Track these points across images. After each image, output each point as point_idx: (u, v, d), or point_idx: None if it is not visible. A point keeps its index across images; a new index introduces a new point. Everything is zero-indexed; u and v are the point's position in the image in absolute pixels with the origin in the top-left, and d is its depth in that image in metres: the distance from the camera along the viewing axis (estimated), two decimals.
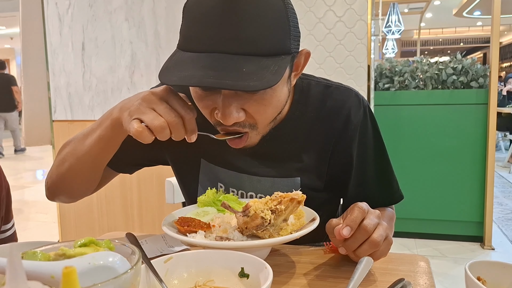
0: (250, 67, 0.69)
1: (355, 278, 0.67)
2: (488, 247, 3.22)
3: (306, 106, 0.94)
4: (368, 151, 0.98)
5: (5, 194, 1.10)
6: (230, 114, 0.75)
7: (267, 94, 0.77)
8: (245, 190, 0.99)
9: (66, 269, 0.31)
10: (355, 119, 0.94)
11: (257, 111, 0.78)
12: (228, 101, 0.75)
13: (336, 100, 0.94)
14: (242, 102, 0.76)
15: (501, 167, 6.39)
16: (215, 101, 0.77)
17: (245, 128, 0.81)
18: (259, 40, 0.70)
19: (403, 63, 3.64)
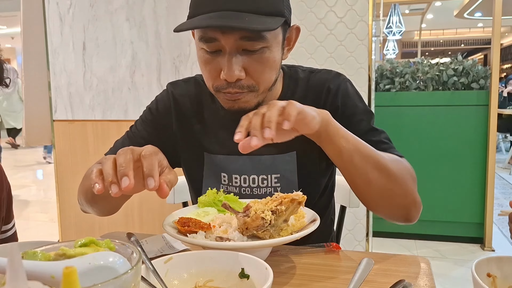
0: (251, 17, 0.82)
1: (355, 279, 0.67)
2: (488, 248, 3.21)
3: (295, 88, 1.05)
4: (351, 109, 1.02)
5: (6, 194, 1.10)
6: (234, 71, 0.86)
7: (265, 53, 0.88)
8: (248, 174, 1.04)
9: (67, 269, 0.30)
10: (334, 87, 1.03)
11: (256, 69, 0.89)
12: (232, 60, 0.86)
13: (319, 79, 1.05)
14: (244, 62, 0.88)
15: (502, 168, 6.38)
16: (220, 63, 0.88)
17: (244, 89, 0.90)
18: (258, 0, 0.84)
19: (404, 64, 3.64)
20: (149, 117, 1.12)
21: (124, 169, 0.68)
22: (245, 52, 0.87)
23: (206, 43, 0.87)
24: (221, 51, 0.88)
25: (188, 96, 1.09)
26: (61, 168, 2.59)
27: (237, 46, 0.86)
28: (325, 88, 1.03)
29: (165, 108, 1.10)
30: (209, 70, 0.91)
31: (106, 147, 2.65)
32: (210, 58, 0.89)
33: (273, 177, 1.04)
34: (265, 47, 0.88)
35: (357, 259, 0.85)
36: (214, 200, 0.96)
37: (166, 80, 2.37)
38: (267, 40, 0.87)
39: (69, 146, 2.55)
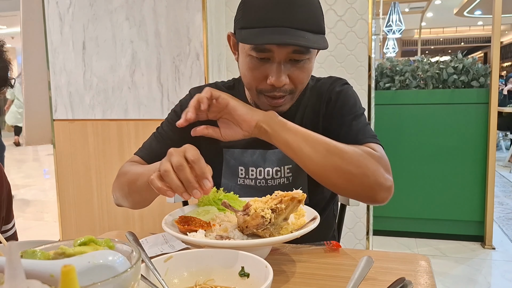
0: (309, 36, 0.94)
1: (355, 277, 0.67)
2: (488, 246, 3.21)
3: (304, 94, 1.15)
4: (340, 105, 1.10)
5: (6, 194, 1.10)
6: (281, 78, 0.97)
7: (306, 64, 1.00)
8: (263, 166, 1.13)
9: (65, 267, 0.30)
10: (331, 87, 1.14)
11: (298, 77, 1.00)
12: (281, 68, 0.97)
13: (322, 84, 1.16)
14: (289, 70, 0.99)
15: (502, 166, 6.38)
16: (269, 69, 0.98)
17: (286, 93, 1.02)
18: (310, 19, 0.96)
19: (404, 63, 3.64)
20: (175, 118, 1.18)
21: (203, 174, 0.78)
22: (291, 62, 0.99)
23: (259, 52, 0.97)
24: (269, 59, 0.98)
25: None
26: (61, 168, 2.59)
27: (287, 57, 0.97)
28: (327, 90, 1.14)
29: None
30: (255, 74, 1.01)
31: (106, 147, 2.65)
32: (259, 64, 0.99)
33: (286, 168, 1.12)
34: (308, 58, 1.00)
35: (357, 258, 0.85)
36: (214, 198, 0.96)
37: (166, 79, 2.37)
38: (310, 53, 0.99)
39: (69, 146, 2.55)
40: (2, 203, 1.06)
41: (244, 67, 1.03)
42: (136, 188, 1.01)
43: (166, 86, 2.38)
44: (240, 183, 1.14)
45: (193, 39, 2.32)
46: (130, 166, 1.09)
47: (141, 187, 0.99)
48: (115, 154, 2.46)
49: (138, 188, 1.00)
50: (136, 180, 1.01)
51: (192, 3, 2.30)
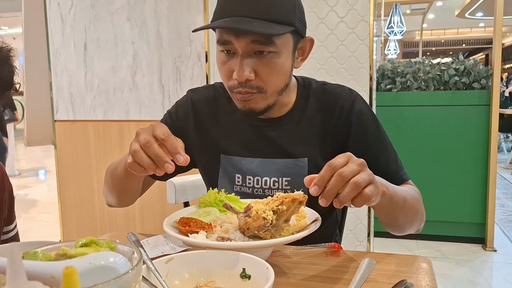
0: (260, 23, 0.91)
1: (357, 280, 0.67)
2: (490, 248, 3.21)
3: (308, 99, 1.10)
4: (364, 127, 1.07)
5: (8, 196, 1.10)
6: (244, 72, 0.94)
7: (274, 58, 0.95)
8: (261, 176, 1.09)
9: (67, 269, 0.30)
10: (346, 104, 1.08)
11: (264, 72, 0.96)
12: (243, 61, 0.94)
13: (332, 93, 1.10)
14: (254, 64, 0.95)
15: (503, 168, 6.37)
16: (233, 64, 0.96)
17: (253, 90, 0.97)
18: (271, 9, 0.92)
19: (405, 64, 3.64)
20: (169, 121, 1.18)
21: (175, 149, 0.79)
22: (256, 55, 0.95)
23: (222, 45, 0.96)
24: (235, 53, 0.96)
25: (206, 100, 1.17)
26: (63, 168, 2.59)
27: (249, 49, 0.94)
28: (338, 105, 1.08)
29: (184, 113, 1.17)
30: (224, 70, 0.99)
31: (107, 147, 2.65)
32: (226, 59, 0.98)
33: (284, 180, 1.08)
34: (274, 52, 0.95)
35: (358, 259, 0.85)
36: (215, 200, 0.96)
37: (167, 80, 2.38)
38: (276, 46, 0.94)
39: (70, 147, 2.56)
40: (4, 204, 1.06)
41: (217, 63, 1.02)
42: (117, 177, 1.03)
43: (167, 87, 2.38)
44: (237, 190, 1.11)
45: (194, 40, 2.32)
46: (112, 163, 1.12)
47: (121, 173, 1.00)
48: (116, 155, 2.46)
49: (119, 176, 1.02)
50: (116, 169, 1.03)
51: (193, 4, 2.30)
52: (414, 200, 0.99)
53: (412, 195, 1.00)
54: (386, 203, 0.85)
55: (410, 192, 1.00)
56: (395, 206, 0.90)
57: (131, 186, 1.05)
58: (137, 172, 0.81)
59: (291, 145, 1.08)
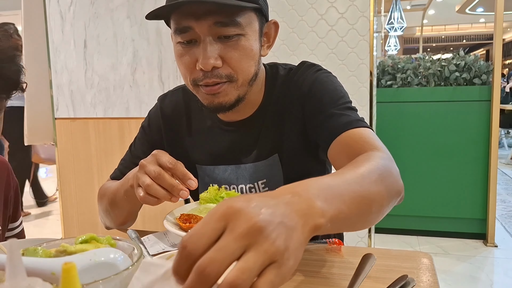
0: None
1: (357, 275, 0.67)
2: (491, 244, 3.21)
3: (274, 88, 1.02)
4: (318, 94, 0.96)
5: (14, 193, 1.10)
6: (209, 59, 0.84)
7: (241, 41, 0.86)
8: (236, 183, 1.05)
9: (66, 265, 0.30)
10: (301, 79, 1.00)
11: (233, 57, 0.86)
12: (207, 48, 0.85)
13: (297, 76, 1.01)
14: (220, 50, 0.86)
15: (504, 164, 6.37)
16: (196, 53, 0.86)
17: (223, 79, 0.88)
18: None
19: (405, 60, 3.63)
20: (143, 135, 1.14)
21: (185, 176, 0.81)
22: (221, 40, 0.86)
23: (181, 34, 0.87)
24: (196, 41, 0.87)
25: (176, 107, 1.11)
26: (63, 166, 2.59)
27: (212, 33, 0.85)
28: (297, 88, 0.99)
29: (156, 124, 1.12)
30: (185, 62, 0.89)
31: (107, 145, 2.65)
32: (186, 50, 0.88)
33: (260, 184, 1.03)
34: (240, 34, 0.86)
35: (359, 255, 0.85)
36: (216, 196, 0.96)
37: (167, 77, 2.37)
38: (241, 26, 0.86)
39: (71, 144, 2.56)
40: (9, 201, 1.07)
41: (176, 58, 0.92)
42: (117, 203, 1.00)
43: (167, 84, 2.38)
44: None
45: None
46: (108, 184, 1.09)
47: (121, 201, 0.97)
48: (116, 153, 2.46)
49: (119, 204, 0.99)
50: (115, 195, 0.99)
51: None
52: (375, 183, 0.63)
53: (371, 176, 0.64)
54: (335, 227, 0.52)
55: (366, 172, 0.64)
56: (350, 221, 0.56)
57: (134, 209, 1.03)
58: (151, 204, 0.80)
59: (261, 147, 1.02)
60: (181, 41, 0.88)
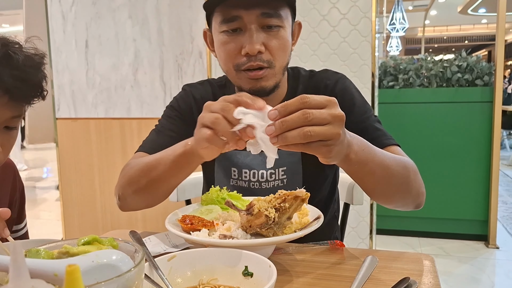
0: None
1: (359, 277, 0.67)
2: (492, 245, 3.20)
3: (297, 87, 1.13)
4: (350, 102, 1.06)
5: (19, 195, 1.10)
6: (255, 44, 0.95)
7: (280, 32, 0.98)
8: (257, 168, 1.09)
9: (69, 267, 0.30)
10: (330, 82, 1.10)
11: (274, 45, 0.98)
12: (254, 35, 0.96)
13: (318, 78, 1.13)
14: (263, 38, 0.97)
15: (506, 165, 6.36)
16: (242, 39, 0.97)
17: (264, 64, 0.98)
18: None
19: (407, 61, 3.63)
20: (173, 113, 1.14)
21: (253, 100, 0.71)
22: (264, 30, 0.97)
23: (228, 23, 0.97)
24: (241, 30, 0.97)
25: (206, 95, 1.16)
26: (64, 166, 2.59)
27: (258, 22, 0.96)
28: (323, 84, 1.10)
29: (186, 105, 1.15)
30: (229, 49, 0.99)
31: (109, 145, 2.65)
32: (231, 38, 0.98)
33: (280, 170, 1.09)
34: (280, 26, 0.98)
35: (361, 257, 0.85)
36: (217, 197, 0.96)
37: (169, 77, 2.37)
38: (282, 19, 0.98)
39: (72, 144, 2.56)
40: (15, 203, 1.07)
41: (218, 46, 1.01)
42: (158, 175, 0.91)
43: (168, 85, 2.38)
44: (233, 184, 1.11)
45: (196, 38, 2.31)
46: (140, 158, 1.01)
47: (165, 170, 0.90)
48: (118, 153, 2.46)
49: (161, 173, 0.91)
50: (158, 165, 0.91)
51: (195, 2, 2.30)
52: (400, 166, 0.88)
53: (398, 161, 0.89)
54: (355, 168, 0.80)
55: (396, 158, 0.90)
56: (371, 172, 0.82)
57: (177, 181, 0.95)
58: (217, 145, 0.72)
59: None
60: (226, 30, 0.98)
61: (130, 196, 0.99)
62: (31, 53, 0.88)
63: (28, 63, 0.85)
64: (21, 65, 0.83)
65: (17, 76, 0.82)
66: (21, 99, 0.87)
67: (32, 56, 0.87)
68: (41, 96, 0.91)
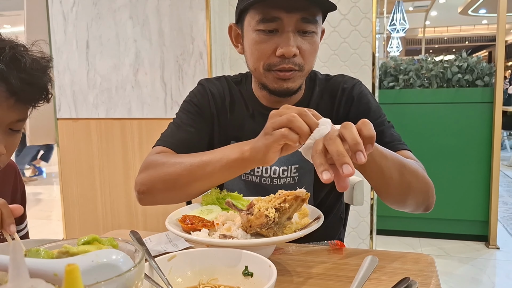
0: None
1: (359, 277, 0.67)
2: (493, 246, 3.20)
3: (314, 88, 1.15)
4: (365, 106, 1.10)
5: (20, 196, 1.11)
6: (292, 47, 0.97)
7: (314, 38, 1.01)
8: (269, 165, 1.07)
9: (69, 266, 0.30)
10: (347, 86, 1.13)
11: (306, 50, 1.00)
12: (291, 38, 0.97)
13: (334, 81, 1.16)
14: (298, 42, 0.99)
15: (506, 166, 6.35)
16: (278, 40, 0.98)
17: (296, 67, 1.00)
18: None
19: (408, 62, 3.62)
20: (192, 107, 1.15)
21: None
22: (299, 34, 0.99)
23: (267, 23, 0.97)
24: (278, 31, 0.98)
25: (222, 91, 1.18)
26: (65, 167, 2.59)
27: (296, 26, 0.98)
28: (340, 87, 1.13)
29: (204, 99, 1.16)
30: (263, 48, 1.00)
31: (110, 146, 2.65)
32: (267, 37, 0.99)
33: (293, 168, 1.10)
34: (314, 32, 1.00)
35: (361, 257, 0.85)
36: (218, 197, 0.96)
37: (170, 78, 2.37)
38: (317, 25, 1.00)
39: (73, 145, 2.56)
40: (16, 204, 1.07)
41: (252, 44, 1.02)
42: (204, 175, 0.92)
43: (169, 85, 2.38)
44: (244, 179, 1.12)
45: (196, 38, 2.31)
46: (178, 157, 1.00)
47: (214, 173, 0.91)
48: (118, 153, 2.46)
49: (208, 174, 0.91)
50: (205, 167, 0.91)
51: (195, 2, 2.30)
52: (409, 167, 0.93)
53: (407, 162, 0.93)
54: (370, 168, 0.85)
55: (406, 160, 0.95)
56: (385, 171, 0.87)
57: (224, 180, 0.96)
58: (292, 141, 0.75)
59: None
60: (262, 29, 0.99)
61: (162, 192, 0.98)
62: (37, 56, 0.88)
63: (34, 66, 0.85)
64: (28, 68, 0.83)
65: (24, 79, 0.82)
66: (27, 102, 0.88)
67: (39, 59, 0.88)
68: (46, 99, 0.92)
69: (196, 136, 1.09)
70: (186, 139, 1.09)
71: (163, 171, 0.98)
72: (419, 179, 0.95)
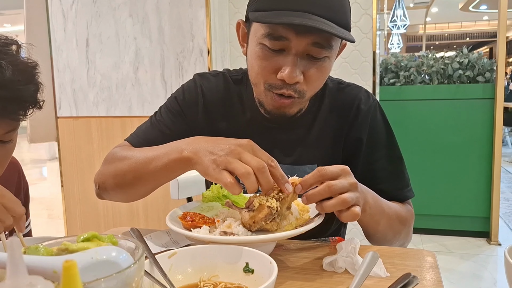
0: (336, 27, 0.83)
1: (360, 273, 0.66)
2: (494, 242, 3.20)
3: (323, 99, 1.05)
4: (379, 136, 1.04)
5: (24, 194, 1.11)
6: (295, 72, 0.85)
7: (325, 62, 0.89)
8: None
9: (67, 262, 0.30)
10: (364, 107, 1.03)
11: (313, 77, 0.89)
12: (297, 63, 0.86)
13: (348, 95, 1.04)
14: (305, 67, 0.87)
15: (508, 162, 6.34)
16: (282, 61, 0.87)
17: (296, 94, 0.90)
18: (335, 7, 0.84)
19: (408, 58, 3.62)
20: (175, 106, 1.09)
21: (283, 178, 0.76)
22: (309, 58, 0.87)
23: (273, 41, 0.86)
24: (284, 51, 0.87)
25: (217, 91, 1.08)
26: (66, 165, 2.59)
27: (306, 50, 0.86)
28: (355, 106, 1.03)
29: (192, 98, 1.09)
30: (265, 66, 0.89)
31: (110, 144, 2.65)
32: (270, 55, 0.88)
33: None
34: (328, 56, 0.88)
35: (362, 253, 0.85)
36: (218, 195, 0.96)
37: (170, 75, 2.37)
38: (332, 50, 0.88)
39: (73, 143, 2.56)
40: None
41: (253, 57, 0.90)
42: (147, 174, 0.87)
43: (169, 83, 2.38)
44: None
45: (196, 36, 2.31)
46: (129, 151, 0.95)
47: (156, 171, 0.86)
48: None
49: (151, 172, 0.87)
50: (149, 164, 0.86)
51: (195, 0, 2.29)
52: (398, 221, 0.95)
53: (400, 215, 0.96)
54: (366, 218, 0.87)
55: (399, 211, 0.96)
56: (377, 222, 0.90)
57: (161, 183, 0.92)
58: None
59: (301, 150, 1.03)
60: (267, 46, 0.87)
61: (112, 188, 0.96)
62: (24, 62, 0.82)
63: (16, 77, 0.78)
64: (8, 82, 0.76)
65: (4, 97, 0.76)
66: (11, 117, 0.81)
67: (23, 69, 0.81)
68: (35, 107, 0.85)
69: (169, 139, 0.92)
70: (156, 140, 0.99)
71: (114, 166, 0.95)
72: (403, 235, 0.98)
